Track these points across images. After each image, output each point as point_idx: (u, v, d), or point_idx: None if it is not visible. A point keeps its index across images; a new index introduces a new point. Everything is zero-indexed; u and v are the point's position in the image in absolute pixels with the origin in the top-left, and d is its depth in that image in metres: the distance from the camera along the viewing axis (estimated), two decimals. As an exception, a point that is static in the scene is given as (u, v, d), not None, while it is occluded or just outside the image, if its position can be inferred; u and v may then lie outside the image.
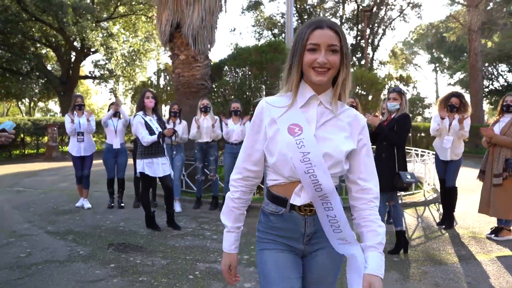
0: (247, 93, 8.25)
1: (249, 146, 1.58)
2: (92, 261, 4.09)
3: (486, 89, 27.85)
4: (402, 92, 4.49)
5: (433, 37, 31.32)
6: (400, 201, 7.07)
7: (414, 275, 3.90)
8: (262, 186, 6.94)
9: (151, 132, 5.13)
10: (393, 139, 4.33)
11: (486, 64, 26.40)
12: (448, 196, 5.60)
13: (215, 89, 8.83)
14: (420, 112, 25.28)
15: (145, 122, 5.12)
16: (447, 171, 5.57)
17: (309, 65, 1.45)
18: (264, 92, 8.26)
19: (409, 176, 4.28)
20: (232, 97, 8.40)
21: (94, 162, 6.80)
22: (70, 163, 13.30)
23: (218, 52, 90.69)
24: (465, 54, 25.38)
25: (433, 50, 34.78)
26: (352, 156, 1.54)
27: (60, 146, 17.33)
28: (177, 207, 6.32)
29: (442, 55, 34.09)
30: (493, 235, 5.09)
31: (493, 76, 28.60)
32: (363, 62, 23.48)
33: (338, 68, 1.46)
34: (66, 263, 4.06)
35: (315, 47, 1.44)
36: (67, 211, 6.41)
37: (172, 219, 5.43)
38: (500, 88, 27.17)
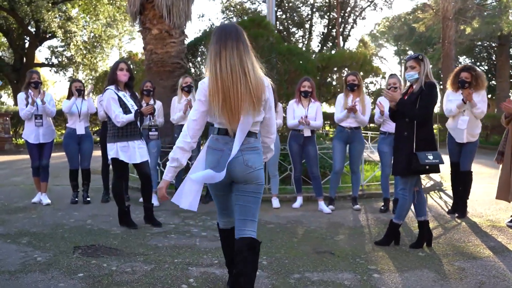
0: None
1: None
2: (53, 270, 3.20)
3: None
4: (420, 57, 3.81)
5: (399, 29, 31.42)
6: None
7: (451, 273, 3.27)
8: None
9: (125, 110, 4.23)
10: (414, 115, 3.70)
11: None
12: (462, 181, 5.06)
13: (190, 70, 7.99)
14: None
15: (119, 97, 4.22)
16: (462, 154, 5.02)
17: None
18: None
19: (430, 157, 3.65)
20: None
21: (54, 154, 5.80)
22: (25, 156, 11.95)
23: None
24: (434, 46, 25.51)
25: (399, 43, 35.01)
26: None
27: (14, 139, 15.83)
28: (155, 201, 5.44)
29: (407, 48, 34.40)
30: (515, 223, 4.58)
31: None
32: (333, 52, 23.09)
33: None
34: (18, 274, 3.14)
35: None
36: (21, 209, 5.39)
37: (151, 214, 4.56)
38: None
